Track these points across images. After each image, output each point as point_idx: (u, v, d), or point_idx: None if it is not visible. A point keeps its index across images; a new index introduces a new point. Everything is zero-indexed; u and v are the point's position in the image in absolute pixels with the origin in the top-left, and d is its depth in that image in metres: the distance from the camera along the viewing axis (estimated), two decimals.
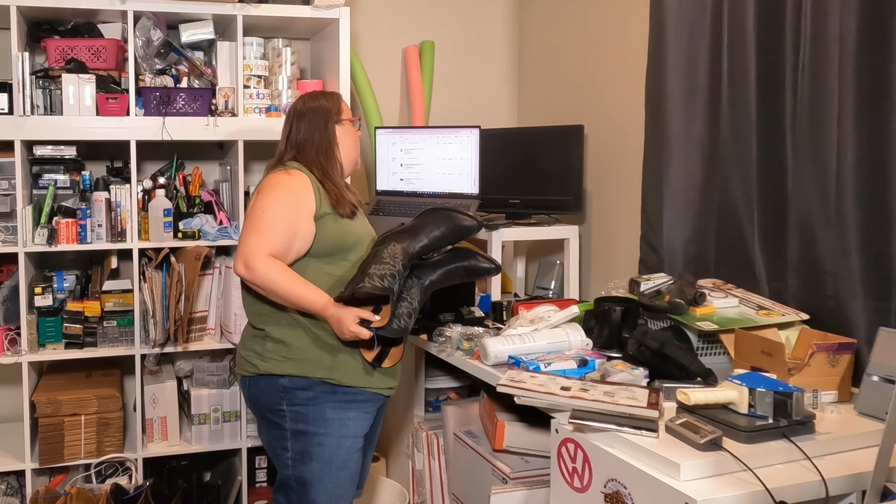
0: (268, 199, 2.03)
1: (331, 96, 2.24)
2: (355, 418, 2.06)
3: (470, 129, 2.78)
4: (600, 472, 1.64)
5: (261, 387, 2.08)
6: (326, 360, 2.03)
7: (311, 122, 2.17)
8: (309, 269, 2.05)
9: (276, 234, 1.99)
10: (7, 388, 3.05)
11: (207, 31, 2.92)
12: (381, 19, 3.47)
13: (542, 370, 2.00)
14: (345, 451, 2.05)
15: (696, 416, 1.64)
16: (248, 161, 2.97)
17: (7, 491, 2.81)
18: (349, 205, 2.10)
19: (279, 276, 1.95)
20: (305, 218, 2.03)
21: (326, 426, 2.03)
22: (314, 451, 2.03)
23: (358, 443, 2.08)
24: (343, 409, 2.04)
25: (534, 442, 2.20)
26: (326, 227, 2.05)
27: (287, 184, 2.05)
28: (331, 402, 2.03)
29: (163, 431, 2.89)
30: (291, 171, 2.09)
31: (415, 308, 2.03)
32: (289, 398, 2.04)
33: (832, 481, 1.48)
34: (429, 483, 2.65)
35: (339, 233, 2.06)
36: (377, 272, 1.94)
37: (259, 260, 1.95)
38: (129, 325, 2.81)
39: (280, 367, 2.04)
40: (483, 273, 2.17)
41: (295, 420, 2.04)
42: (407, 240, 2.03)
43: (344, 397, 2.04)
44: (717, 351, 2.12)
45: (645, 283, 2.34)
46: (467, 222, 2.10)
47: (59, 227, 2.71)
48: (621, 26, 2.91)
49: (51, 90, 2.70)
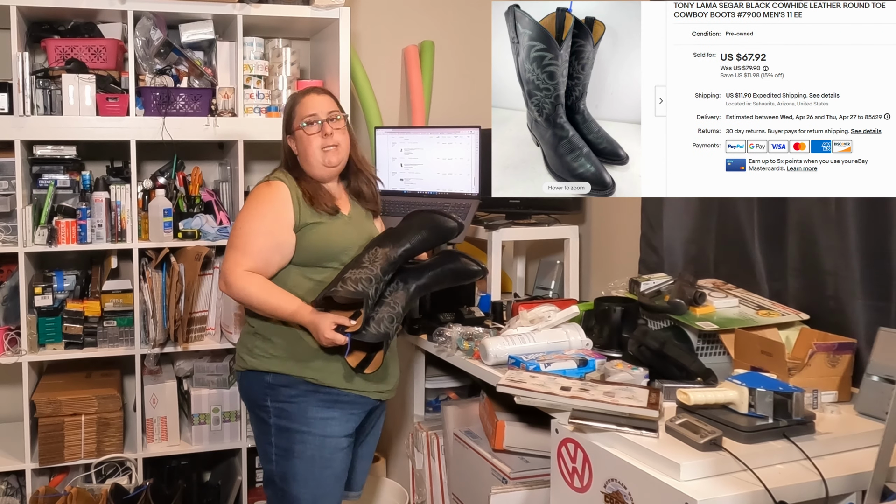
0: (246, 215, 2.09)
1: (289, 101, 2.19)
2: (339, 419, 2.05)
3: (470, 129, 2.78)
4: (600, 472, 1.64)
5: (249, 382, 2.11)
6: (310, 359, 2.03)
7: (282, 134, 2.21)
8: (292, 276, 2.07)
9: (252, 248, 2.03)
10: (7, 388, 3.05)
11: (207, 31, 2.92)
12: (381, 19, 3.47)
13: (542, 370, 2.00)
14: (327, 450, 2.05)
15: (696, 416, 1.64)
16: (248, 161, 2.97)
17: (7, 491, 2.81)
18: (325, 204, 2.08)
19: (252, 290, 2.01)
20: (285, 229, 2.05)
21: (309, 425, 2.04)
22: (297, 449, 2.03)
23: (341, 443, 2.07)
24: (326, 408, 2.04)
25: (534, 442, 2.20)
26: (307, 237, 2.05)
27: (266, 196, 2.08)
28: (314, 402, 2.04)
29: (163, 431, 2.89)
30: (272, 183, 2.11)
31: (398, 313, 2.02)
32: (273, 395, 2.05)
33: (832, 481, 1.48)
34: (429, 483, 2.65)
35: (322, 241, 2.05)
36: (352, 276, 1.95)
37: (235, 276, 2.02)
38: (129, 325, 2.81)
39: (266, 364, 2.06)
40: (471, 275, 2.15)
41: (279, 416, 2.05)
42: (389, 244, 2.03)
43: (326, 397, 2.04)
44: (717, 351, 2.12)
45: (645, 283, 2.34)
46: (450, 224, 2.09)
47: (59, 227, 2.71)
48: None
49: (51, 90, 2.70)
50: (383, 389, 2.14)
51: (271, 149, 3.11)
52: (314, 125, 2.10)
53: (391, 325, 2.00)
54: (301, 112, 2.13)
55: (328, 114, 2.12)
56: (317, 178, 2.13)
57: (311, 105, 2.12)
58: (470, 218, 2.67)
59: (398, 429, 2.99)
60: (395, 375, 2.18)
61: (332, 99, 2.18)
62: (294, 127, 2.14)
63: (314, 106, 2.12)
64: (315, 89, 2.20)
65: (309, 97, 2.15)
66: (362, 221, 2.19)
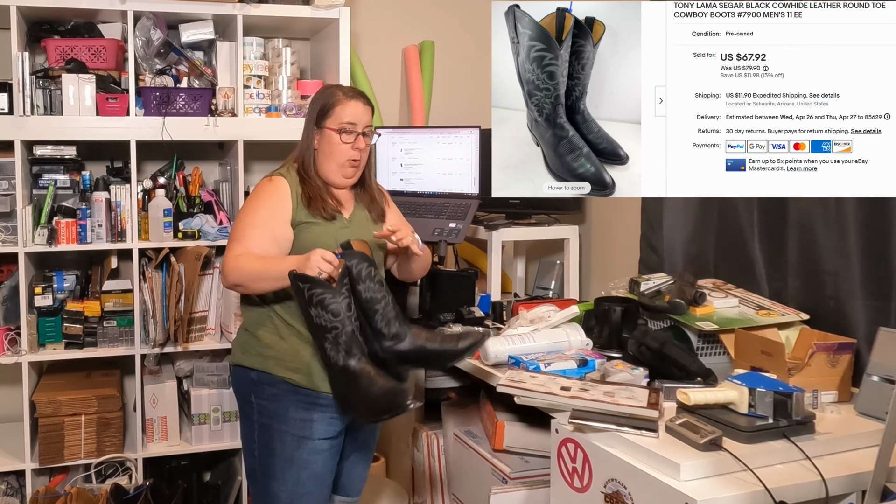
0: (246, 208, 2.08)
1: (330, 94, 2.11)
2: (319, 421, 2.03)
3: (470, 129, 2.78)
4: (600, 472, 1.64)
5: (237, 377, 2.12)
6: (292, 360, 2.02)
7: (306, 118, 2.15)
8: None
9: (249, 240, 2.02)
10: (7, 388, 3.05)
11: (207, 31, 2.92)
12: (381, 19, 3.47)
13: (542, 370, 2.00)
14: (305, 452, 2.03)
15: (696, 416, 1.64)
16: (248, 161, 2.97)
17: (7, 491, 2.81)
18: (323, 208, 2.04)
19: (242, 263, 1.97)
20: (282, 223, 2.03)
21: (289, 424, 2.03)
22: (276, 447, 2.03)
23: (321, 445, 2.04)
24: (306, 410, 2.03)
25: (534, 442, 2.20)
26: (302, 235, 2.04)
27: (266, 190, 2.07)
28: (294, 402, 2.03)
29: (163, 431, 2.89)
30: (273, 178, 2.09)
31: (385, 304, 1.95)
32: (257, 392, 2.06)
33: (832, 481, 1.48)
34: (429, 483, 2.65)
35: (313, 243, 2.01)
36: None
37: (229, 264, 2.00)
38: (129, 325, 2.80)
39: (251, 361, 2.07)
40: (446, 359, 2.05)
41: (261, 413, 2.05)
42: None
43: (306, 399, 2.03)
44: (717, 351, 2.12)
45: (645, 283, 2.34)
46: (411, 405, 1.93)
47: (59, 227, 2.71)
48: None
49: (51, 90, 2.70)
50: None
51: (271, 149, 3.11)
52: (350, 134, 2.04)
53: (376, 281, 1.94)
54: (341, 114, 2.05)
55: (365, 127, 2.07)
56: (330, 182, 2.10)
57: (355, 113, 2.05)
58: (470, 218, 2.67)
59: (398, 429, 2.99)
60: None
61: (372, 112, 2.12)
62: (327, 124, 2.06)
63: (357, 115, 2.05)
64: (363, 96, 2.11)
65: (356, 102, 2.07)
66: (364, 225, 2.14)
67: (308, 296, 1.85)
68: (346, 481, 2.22)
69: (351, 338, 1.88)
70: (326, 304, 1.84)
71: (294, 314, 2.04)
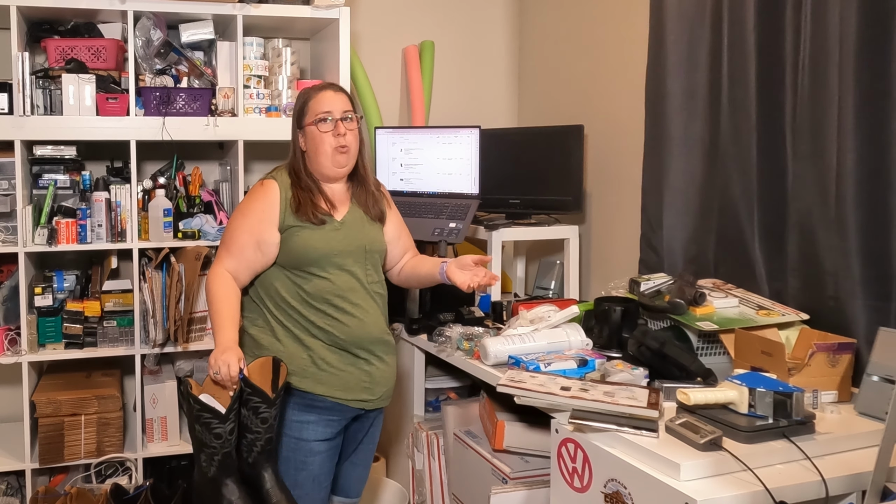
0: (235, 212, 2.12)
1: (303, 95, 2.12)
2: (316, 423, 2.04)
3: (470, 129, 2.78)
4: (600, 472, 1.63)
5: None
6: (288, 362, 2.02)
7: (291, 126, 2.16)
8: (279, 278, 2.07)
9: (234, 245, 2.06)
10: (7, 388, 3.05)
11: (207, 31, 2.92)
12: (381, 19, 3.47)
13: (542, 370, 2.00)
14: (301, 453, 2.04)
15: (696, 416, 1.64)
16: (248, 161, 2.97)
17: (7, 491, 2.81)
18: (311, 213, 2.03)
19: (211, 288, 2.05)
20: (267, 228, 2.04)
21: (285, 426, 2.04)
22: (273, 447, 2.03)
23: (317, 447, 2.05)
24: (302, 412, 2.04)
25: (534, 442, 2.20)
26: (289, 240, 2.04)
27: (255, 195, 2.09)
28: (290, 404, 2.04)
29: (163, 431, 2.89)
30: (264, 182, 2.10)
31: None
32: None
33: (832, 481, 1.48)
34: (429, 483, 2.65)
35: (300, 247, 2.02)
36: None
37: (212, 273, 2.07)
38: (129, 325, 2.81)
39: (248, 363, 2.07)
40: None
41: None
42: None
43: (301, 401, 2.03)
44: (717, 351, 2.12)
45: (645, 283, 2.34)
46: None
47: (59, 227, 2.71)
48: (621, 26, 2.91)
49: (51, 90, 2.71)
50: (367, 398, 2.09)
51: (271, 149, 3.12)
52: (327, 122, 2.04)
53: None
54: (315, 108, 2.06)
55: (343, 112, 2.06)
56: (325, 177, 2.09)
57: (326, 101, 2.06)
58: (470, 218, 2.67)
59: (398, 429, 2.98)
60: (384, 384, 2.12)
61: (348, 98, 2.11)
62: (306, 122, 2.07)
63: (329, 103, 2.06)
64: (332, 85, 2.13)
65: (325, 93, 2.08)
66: (359, 227, 2.12)
67: (196, 415, 1.90)
68: (345, 482, 2.22)
69: (227, 458, 1.91)
70: (212, 429, 1.88)
71: (291, 317, 2.05)
